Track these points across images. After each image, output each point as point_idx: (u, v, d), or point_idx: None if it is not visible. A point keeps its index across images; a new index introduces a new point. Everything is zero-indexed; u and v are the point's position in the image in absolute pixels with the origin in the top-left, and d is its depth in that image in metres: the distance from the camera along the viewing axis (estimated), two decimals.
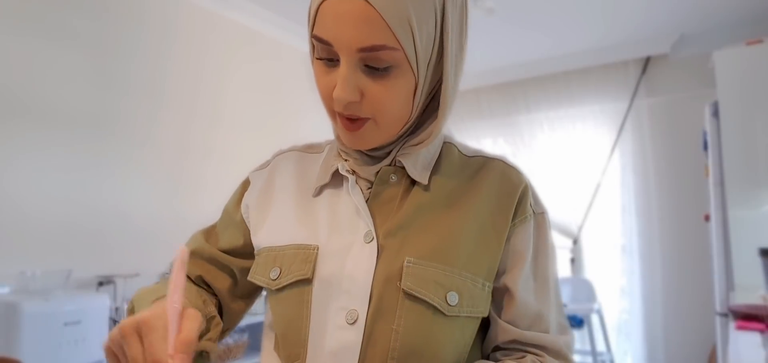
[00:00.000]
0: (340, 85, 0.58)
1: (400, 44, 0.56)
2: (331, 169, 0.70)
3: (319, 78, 0.62)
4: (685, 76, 3.73)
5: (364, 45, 0.56)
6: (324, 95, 0.62)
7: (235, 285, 0.75)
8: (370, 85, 0.59)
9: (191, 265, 0.74)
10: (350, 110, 0.60)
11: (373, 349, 0.59)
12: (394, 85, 0.59)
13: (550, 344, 0.64)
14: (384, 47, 0.56)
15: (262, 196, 0.74)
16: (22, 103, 2.22)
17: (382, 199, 0.66)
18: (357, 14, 0.55)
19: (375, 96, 0.59)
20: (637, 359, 3.83)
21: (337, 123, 0.63)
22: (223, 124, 3.10)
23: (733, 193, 2.55)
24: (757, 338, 1.71)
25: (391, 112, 0.61)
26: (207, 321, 0.67)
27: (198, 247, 0.75)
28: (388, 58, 0.57)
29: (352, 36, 0.56)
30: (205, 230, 0.79)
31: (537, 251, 0.68)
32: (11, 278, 2.08)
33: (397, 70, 0.58)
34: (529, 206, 0.68)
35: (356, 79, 0.58)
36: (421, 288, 0.60)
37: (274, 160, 0.79)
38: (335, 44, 0.57)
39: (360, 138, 0.63)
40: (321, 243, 0.65)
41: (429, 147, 0.69)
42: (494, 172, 0.69)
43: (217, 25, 3.11)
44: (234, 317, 0.77)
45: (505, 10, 3.25)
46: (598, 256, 4.08)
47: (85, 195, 2.41)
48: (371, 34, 0.55)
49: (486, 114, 4.57)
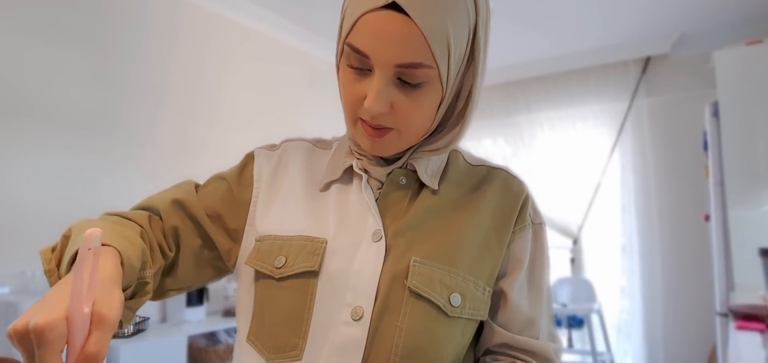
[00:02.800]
0: (373, 97, 0.59)
1: (436, 63, 0.58)
2: (342, 166, 0.70)
3: (346, 84, 0.63)
4: (685, 76, 3.73)
5: (402, 62, 0.57)
6: (349, 101, 0.63)
7: (202, 251, 0.72)
8: (401, 98, 0.60)
9: (172, 212, 0.71)
10: (377, 121, 0.61)
11: (378, 345, 0.60)
12: (423, 100, 0.61)
13: (540, 350, 0.65)
14: (421, 65, 0.57)
15: (272, 179, 0.73)
16: (22, 103, 2.22)
17: (391, 200, 0.68)
18: (399, 32, 0.56)
19: (403, 109, 0.60)
20: (637, 359, 3.83)
21: (358, 129, 0.64)
22: (223, 124, 3.10)
23: (733, 193, 2.55)
24: (757, 338, 1.71)
25: (417, 124, 0.63)
26: (137, 285, 0.60)
27: (187, 200, 0.72)
28: (422, 76, 0.59)
29: (392, 52, 0.57)
30: (196, 185, 0.76)
31: (534, 259, 0.69)
32: (11, 278, 2.08)
33: (429, 86, 0.60)
34: (529, 216, 0.70)
35: (388, 93, 0.59)
36: (427, 287, 0.61)
37: (284, 145, 0.78)
38: (373, 58, 0.58)
39: (381, 146, 0.64)
40: (329, 238, 0.65)
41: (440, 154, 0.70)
42: (498, 181, 0.71)
43: (218, 26, 3.11)
44: (187, 281, 0.72)
45: (505, 9, 3.25)
46: (598, 256, 4.08)
47: (86, 195, 2.41)
48: (411, 52, 0.56)
49: (486, 114, 4.56)
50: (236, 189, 0.73)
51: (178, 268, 0.71)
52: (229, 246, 0.72)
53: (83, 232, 0.53)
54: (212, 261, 0.73)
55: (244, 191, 0.73)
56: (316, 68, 3.70)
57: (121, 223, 0.66)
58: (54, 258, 0.60)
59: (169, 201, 0.72)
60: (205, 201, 0.72)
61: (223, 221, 0.72)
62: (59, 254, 0.60)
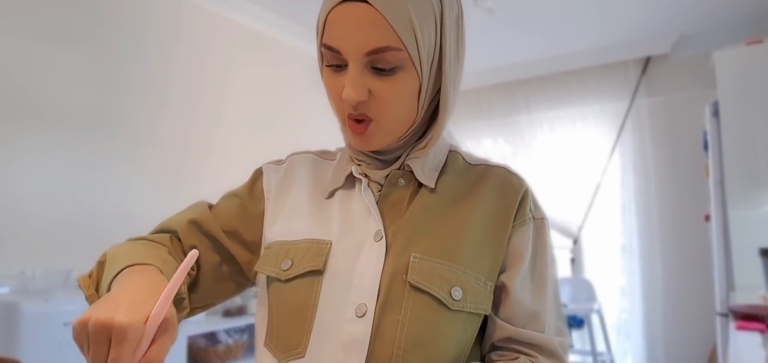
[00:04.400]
0: (349, 85, 0.61)
1: (403, 44, 0.60)
2: (344, 173, 0.73)
3: (329, 86, 0.66)
4: (685, 76, 3.73)
5: (370, 48, 0.60)
6: (334, 100, 0.66)
7: (221, 267, 0.75)
8: (378, 84, 0.62)
9: (189, 232, 0.75)
10: (359, 109, 0.63)
11: (381, 340, 0.61)
12: (399, 85, 0.63)
13: (545, 344, 0.65)
14: (389, 48, 0.60)
15: (280, 191, 0.76)
16: (23, 103, 2.22)
17: (391, 201, 0.70)
18: (363, 19, 0.59)
19: (382, 95, 0.63)
20: (637, 359, 3.83)
21: (347, 128, 0.66)
22: (224, 125, 3.10)
23: (733, 193, 2.55)
24: (757, 338, 1.71)
25: (396, 111, 0.64)
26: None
27: (203, 219, 0.75)
28: (393, 59, 0.61)
29: (358, 40, 0.60)
30: (210, 204, 0.79)
31: (535, 254, 0.70)
32: (11, 278, 2.08)
33: (403, 71, 0.62)
34: (528, 210, 0.71)
35: (364, 80, 0.62)
36: (427, 281, 0.62)
37: (290, 159, 0.81)
38: (343, 50, 0.61)
39: (367, 139, 0.66)
40: (334, 239, 0.68)
41: (436, 153, 0.72)
42: (497, 177, 0.72)
43: (219, 27, 3.11)
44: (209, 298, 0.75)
45: (505, 10, 3.25)
46: (598, 256, 4.08)
47: (86, 195, 2.41)
48: (376, 37, 0.59)
49: (486, 114, 4.56)
50: (249, 203, 0.77)
51: (199, 285, 0.74)
52: (248, 258, 0.75)
53: (117, 258, 0.62)
54: (232, 276, 0.76)
55: (256, 204, 0.77)
56: (315, 68, 3.69)
57: (152, 246, 0.70)
58: (92, 284, 0.65)
59: (185, 222, 0.75)
60: (221, 218, 0.76)
61: (240, 235, 0.75)
62: (96, 280, 0.65)
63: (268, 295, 0.71)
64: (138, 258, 0.62)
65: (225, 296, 0.78)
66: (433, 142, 0.69)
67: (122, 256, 0.63)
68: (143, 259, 0.62)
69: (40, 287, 2.03)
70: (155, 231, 0.77)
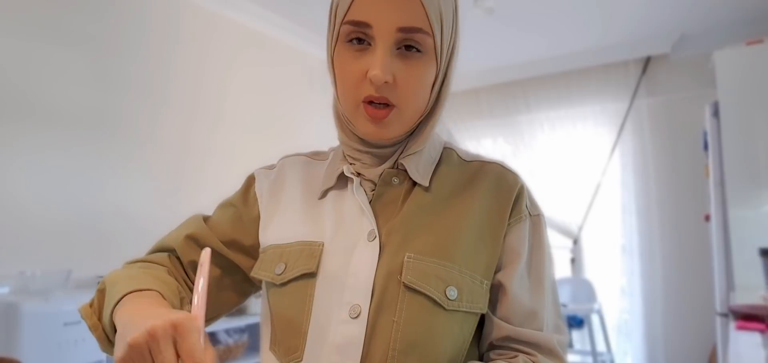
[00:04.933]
0: (378, 65, 0.60)
1: (432, 30, 0.61)
2: (336, 172, 0.72)
3: (346, 65, 0.64)
4: (685, 76, 3.73)
5: (405, 24, 0.60)
6: (350, 81, 0.64)
7: (225, 277, 0.75)
8: (401, 69, 0.62)
9: (187, 248, 0.74)
10: (382, 92, 0.62)
11: (376, 341, 0.60)
12: (421, 71, 0.63)
13: (543, 342, 0.65)
14: (421, 30, 0.61)
15: (272, 194, 0.76)
16: (23, 103, 2.22)
17: (385, 200, 0.69)
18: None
19: (405, 80, 0.62)
20: (637, 359, 3.83)
21: (359, 113, 0.64)
22: (224, 125, 3.10)
23: (733, 193, 2.55)
24: (757, 338, 1.71)
25: (415, 99, 0.64)
26: None
27: (199, 233, 0.75)
28: (421, 42, 0.61)
29: (394, 16, 0.60)
30: (204, 217, 0.79)
31: (532, 251, 0.69)
32: (11, 278, 2.08)
33: (426, 57, 0.63)
34: (524, 207, 0.70)
35: (392, 62, 0.61)
36: (422, 281, 0.62)
37: (281, 162, 0.81)
38: (375, 24, 0.60)
39: (384, 127, 0.65)
40: (326, 240, 0.67)
41: (430, 150, 0.71)
42: (492, 174, 0.71)
43: (219, 26, 3.11)
44: (216, 309, 0.76)
45: (505, 9, 3.25)
46: (598, 256, 4.08)
47: (86, 195, 2.41)
48: (410, 16, 0.60)
49: (486, 114, 4.56)
50: (244, 210, 0.77)
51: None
52: (250, 264, 0.75)
53: (116, 284, 0.61)
54: (235, 285, 0.76)
55: (251, 210, 0.76)
56: (316, 68, 3.70)
57: (150, 268, 0.70)
58: (94, 313, 0.65)
59: (182, 238, 0.75)
60: (217, 230, 0.76)
61: (239, 243, 0.75)
62: (98, 309, 0.65)
63: (268, 300, 0.71)
64: (136, 284, 0.62)
65: (230, 306, 0.77)
66: (426, 137, 0.69)
67: (121, 283, 0.62)
68: (142, 285, 0.61)
69: (40, 287, 2.03)
70: (152, 250, 0.76)
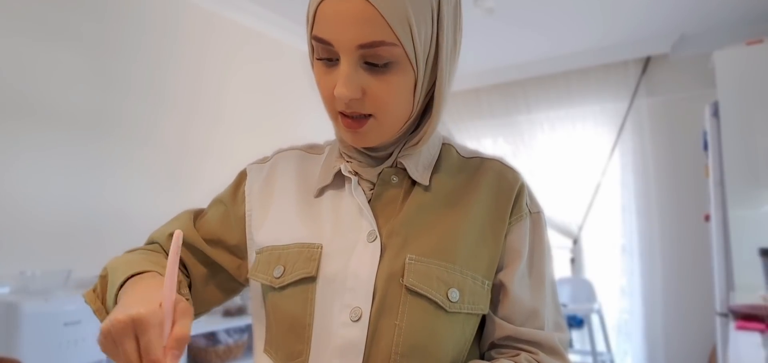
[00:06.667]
0: (341, 83, 0.58)
1: (398, 40, 0.57)
2: (333, 171, 0.70)
3: (319, 79, 0.63)
4: (685, 76, 3.73)
5: (363, 41, 0.57)
6: (325, 96, 0.63)
7: (209, 275, 0.75)
8: (372, 82, 0.59)
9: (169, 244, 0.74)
10: (352, 108, 0.61)
11: (378, 345, 0.60)
12: (394, 81, 0.60)
13: (545, 340, 0.64)
14: (383, 43, 0.57)
15: (264, 192, 0.75)
16: (22, 103, 2.21)
17: (384, 200, 0.67)
18: (356, 12, 0.56)
19: (376, 93, 0.60)
20: (637, 359, 3.83)
21: (339, 123, 0.64)
22: (223, 124, 3.10)
23: (733, 193, 2.55)
24: (757, 338, 1.71)
25: (393, 108, 0.62)
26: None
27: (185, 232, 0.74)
28: (387, 55, 0.58)
29: (351, 33, 0.56)
30: (195, 212, 0.78)
31: (533, 249, 0.68)
32: (11, 278, 2.08)
33: (397, 66, 0.59)
34: (525, 205, 0.69)
35: (357, 77, 0.59)
36: (424, 284, 0.61)
37: (275, 157, 0.79)
38: (335, 43, 0.58)
39: (362, 136, 0.63)
40: (325, 242, 0.66)
41: (429, 148, 0.70)
42: (492, 172, 0.70)
43: (218, 26, 3.11)
44: (203, 305, 0.76)
45: (505, 9, 3.25)
46: (598, 256, 4.08)
47: (86, 195, 2.41)
48: (370, 31, 0.56)
49: (486, 114, 4.56)
50: (232, 208, 0.76)
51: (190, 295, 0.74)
52: (236, 263, 0.75)
53: (117, 270, 0.63)
54: (221, 284, 0.76)
55: (238, 208, 0.75)
56: None
57: (148, 253, 0.71)
58: (98, 298, 0.68)
59: (166, 236, 0.75)
60: (204, 228, 0.75)
61: (224, 243, 0.74)
62: (102, 294, 0.68)
63: (265, 303, 0.70)
64: (136, 267, 0.63)
65: (214, 303, 0.77)
66: (426, 138, 0.67)
67: (122, 268, 0.64)
68: (142, 268, 0.63)
69: (40, 287, 2.03)
70: (146, 243, 0.78)
